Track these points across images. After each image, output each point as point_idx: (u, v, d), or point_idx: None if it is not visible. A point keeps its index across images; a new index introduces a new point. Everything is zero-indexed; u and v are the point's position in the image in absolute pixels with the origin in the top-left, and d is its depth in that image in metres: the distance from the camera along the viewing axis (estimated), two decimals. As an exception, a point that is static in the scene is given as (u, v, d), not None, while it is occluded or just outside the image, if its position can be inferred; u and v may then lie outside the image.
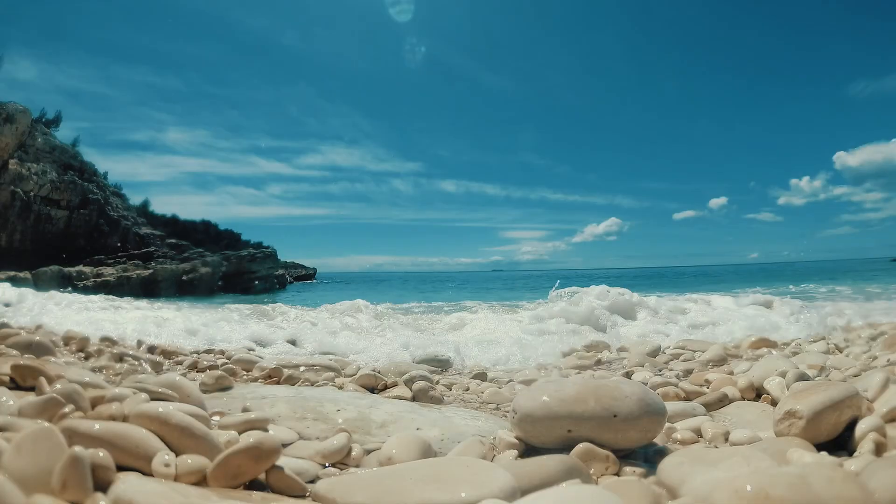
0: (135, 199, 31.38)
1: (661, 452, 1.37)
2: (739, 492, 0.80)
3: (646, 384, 2.02)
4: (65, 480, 0.87)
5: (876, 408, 1.39)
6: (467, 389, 2.55)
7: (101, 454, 0.95)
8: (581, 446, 1.28)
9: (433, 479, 1.04)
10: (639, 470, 1.25)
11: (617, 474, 1.25)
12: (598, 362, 3.38)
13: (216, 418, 1.47)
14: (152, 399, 1.41)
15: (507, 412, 1.70)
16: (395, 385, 2.49)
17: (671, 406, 1.76)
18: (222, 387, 2.15)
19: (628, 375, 2.78)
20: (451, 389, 2.55)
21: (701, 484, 0.98)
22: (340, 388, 2.43)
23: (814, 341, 3.68)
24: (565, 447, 1.31)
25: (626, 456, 1.34)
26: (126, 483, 0.92)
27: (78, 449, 0.90)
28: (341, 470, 1.32)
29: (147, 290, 20.06)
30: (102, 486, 0.91)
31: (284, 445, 1.38)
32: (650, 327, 4.90)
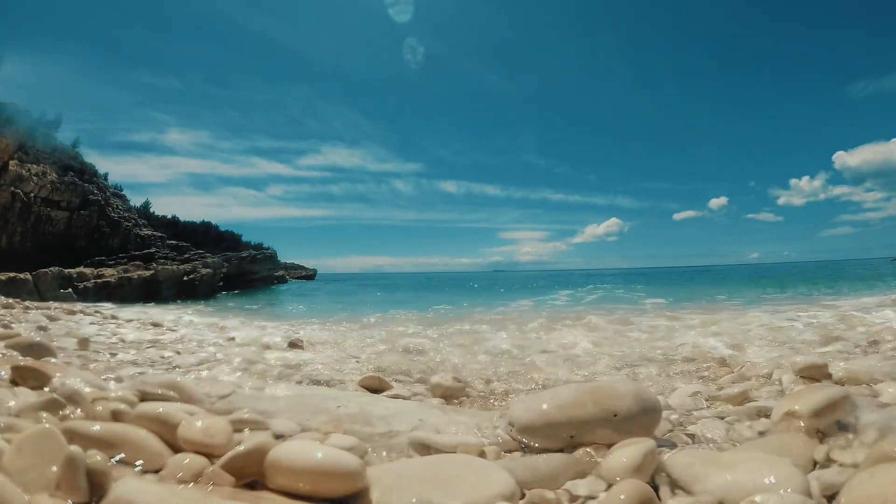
0: (135, 201, 31.45)
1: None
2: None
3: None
4: (60, 481, 0.87)
5: None
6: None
7: (98, 456, 0.94)
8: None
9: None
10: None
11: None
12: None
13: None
14: (154, 399, 1.41)
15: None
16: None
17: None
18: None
19: None
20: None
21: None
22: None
23: None
24: (567, 447, 1.30)
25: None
26: (125, 485, 0.92)
27: (74, 449, 0.89)
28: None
29: (148, 291, 20.02)
30: (100, 487, 0.90)
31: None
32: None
